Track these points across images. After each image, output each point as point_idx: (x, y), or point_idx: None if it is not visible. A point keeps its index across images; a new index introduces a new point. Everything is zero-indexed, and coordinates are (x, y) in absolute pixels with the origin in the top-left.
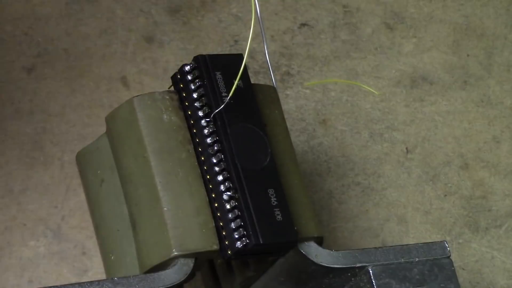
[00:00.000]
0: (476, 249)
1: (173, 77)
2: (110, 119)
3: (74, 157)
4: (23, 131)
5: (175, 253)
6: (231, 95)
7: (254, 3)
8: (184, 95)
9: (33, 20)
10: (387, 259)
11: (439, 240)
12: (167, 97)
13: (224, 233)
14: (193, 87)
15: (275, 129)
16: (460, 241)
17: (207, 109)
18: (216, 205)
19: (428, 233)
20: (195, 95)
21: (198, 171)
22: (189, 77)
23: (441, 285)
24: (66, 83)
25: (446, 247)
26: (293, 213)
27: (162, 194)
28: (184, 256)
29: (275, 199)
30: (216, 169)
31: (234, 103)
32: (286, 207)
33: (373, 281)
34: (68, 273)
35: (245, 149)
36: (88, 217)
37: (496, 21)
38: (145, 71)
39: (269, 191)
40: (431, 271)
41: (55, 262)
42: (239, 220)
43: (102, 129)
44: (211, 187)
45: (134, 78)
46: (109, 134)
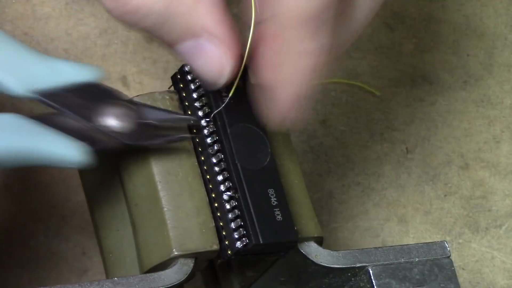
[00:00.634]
0: (476, 249)
1: (173, 77)
2: None
3: None
4: None
5: (175, 253)
6: (231, 95)
7: (255, 3)
8: (184, 95)
9: (33, 20)
10: (387, 259)
11: (439, 240)
12: (167, 97)
13: (224, 233)
14: (193, 87)
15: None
16: (460, 241)
17: (207, 109)
18: (216, 205)
19: (428, 233)
20: (195, 95)
21: (198, 171)
22: (189, 77)
23: (441, 285)
24: None
25: (446, 247)
26: (293, 213)
27: (162, 194)
28: (184, 256)
29: (275, 199)
30: (216, 169)
31: (234, 103)
32: (286, 207)
33: (373, 281)
34: (68, 273)
35: (245, 149)
36: (88, 217)
37: (496, 21)
38: (145, 71)
39: (269, 191)
40: (431, 271)
41: (55, 262)
42: (239, 220)
43: None
44: (211, 187)
45: (134, 78)
46: None
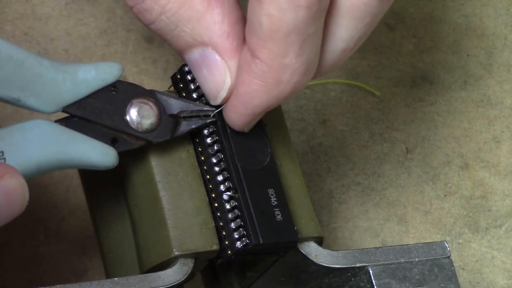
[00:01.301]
0: (476, 249)
1: (173, 77)
2: None
3: None
4: None
5: (175, 253)
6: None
7: None
8: (184, 95)
9: (33, 20)
10: (387, 259)
11: (439, 240)
12: None
13: (224, 233)
14: (193, 87)
15: (275, 129)
16: (460, 241)
17: None
18: (216, 205)
19: (428, 233)
20: (195, 95)
21: (198, 171)
22: (189, 77)
23: (441, 285)
24: None
25: (446, 247)
26: (293, 213)
27: (162, 194)
28: (184, 256)
29: (275, 199)
30: (216, 169)
31: None
32: (286, 207)
33: (373, 281)
34: (68, 273)
35: (245, 149)
36: (88, 217)
37: (496, 21)
38: (145, 71)
39: (269, 191)
40: (431, 271)
41: (55, 262)
42: (239, 220)
43: None
44: (211, 187)
45: (134, 78)
46: None
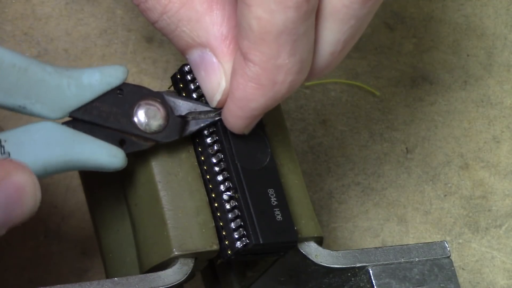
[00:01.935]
0: (476, 249)
1: (173, 77)
2: None
3: None
4: None
5: (175, 253)
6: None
7: None
8: (184, 95)
9: (33, 20)
10: (387, 259)
11: (439, 240)
12: None
13: (224, 233)
14: (192, 87)
15: (275, 129)
16: (460, 241)
17: None
18: (216, 205)
19: (428, 233)
20: (194, 95)
21: (198, 171)
22: (189, 77)
23: (441, 285)
24: None
25: (446, 247)
26: (293, 213)
27: (162, 194)
28: (184, 256)
29: (275, 199)
30: (216, 169)
31: None
32: (286, 207)
33: (373, 281)
34: (68, 273)
35: (245, 149)
36: (88, 217)
37: (496, 21)
38: (145, 71)
39: (269, 191)
40: (431, 271)
41: (55, 262)
42: (239, 220)
43: None
44: (211, 187)
45: (134, 78)
46: None
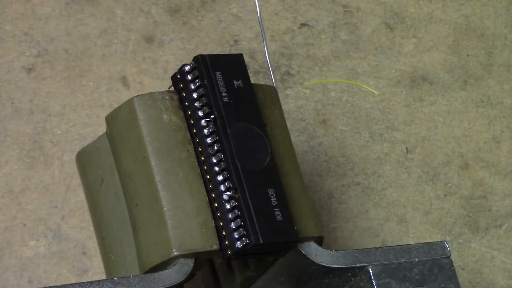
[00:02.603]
0: (476, 249)
1: (173, 77)
2: (110, 119)
3: (74, 157)
4: (23, 131)
5: (175, 253)
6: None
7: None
8: (184, 95)
9: (33, 20)
10: (387, 259)
11: (439, 240)
12: (167, 97)
13: (224, 233)
14: (193, 87)
15: (275, 129)
16: (460, 241)
17: (207, 109)
18: (216, 205)
19: (428, 233)
20: (195, 95)
21: (198, 171)
22: (189, 77)
23: (441, 285)
24: (66, 83)
25: (446, 247)
26: (293, 213)
27: (162, 194)
28: (184, 256)
29: (275, 199)
30: (216, 169)
31: (234, 103)
32: (286, 207)
33: (373, 281)
34: (68, 273)
35: (245, 149)
36: (88, 217)
37: (496, 21)
38: (145, 71)
39: (269, 191)
40: (431, 271)
41: (55, 262)
42: (239, 220)
43: (102, 129)
44: (211, 187)
45: (134, 78)
46: (109, 134)
